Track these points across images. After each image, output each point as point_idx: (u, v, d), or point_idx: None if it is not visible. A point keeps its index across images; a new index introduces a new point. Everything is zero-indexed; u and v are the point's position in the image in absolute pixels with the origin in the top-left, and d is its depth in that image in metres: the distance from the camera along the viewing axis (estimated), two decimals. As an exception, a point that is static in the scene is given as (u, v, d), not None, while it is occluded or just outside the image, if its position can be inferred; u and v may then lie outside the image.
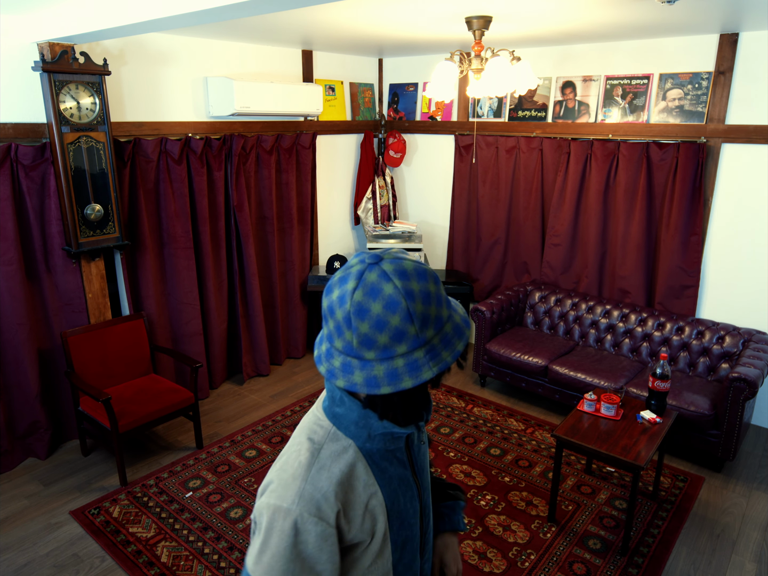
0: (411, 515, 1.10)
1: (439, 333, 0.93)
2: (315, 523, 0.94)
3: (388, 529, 1.05)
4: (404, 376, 0.90)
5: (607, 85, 4.16)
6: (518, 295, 4.60)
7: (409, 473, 1.10)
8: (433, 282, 0.93)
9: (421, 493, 1.14)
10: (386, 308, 0.88)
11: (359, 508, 1.00)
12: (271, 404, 4.24)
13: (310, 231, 4.97)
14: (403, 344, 0.90)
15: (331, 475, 0.97)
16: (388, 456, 1.06)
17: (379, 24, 3.43)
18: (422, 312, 0.90)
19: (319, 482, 0.96)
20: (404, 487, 1.08)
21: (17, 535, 2.89)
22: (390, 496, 1.05)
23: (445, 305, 0.95)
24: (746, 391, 3.20)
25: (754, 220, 3.74)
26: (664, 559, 2.74)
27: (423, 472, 1.15)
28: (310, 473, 0.97)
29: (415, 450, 1.13)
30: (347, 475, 0.99)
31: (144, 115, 3.71)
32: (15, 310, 3.25)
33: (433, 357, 0.91)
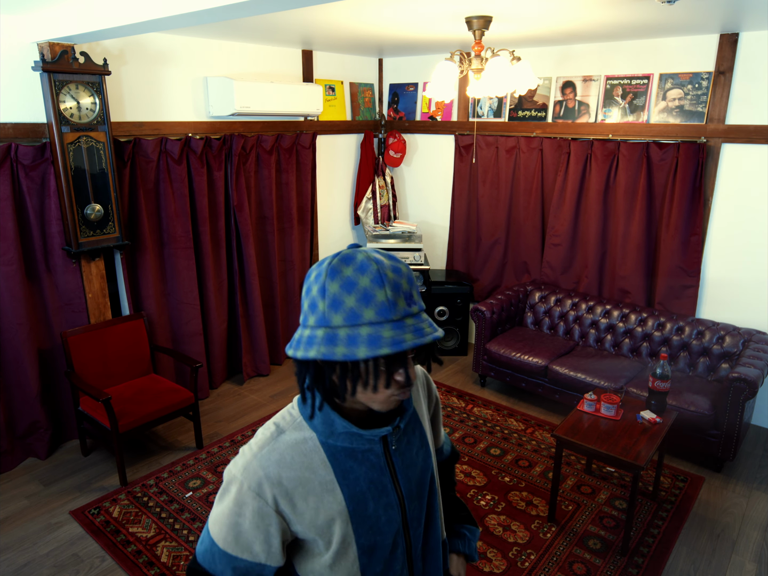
0: (384, 523, 1.07)
1: (349, 328, 0.90)
2: (253, 498, 0.98)
3: (351, 531, 1.04)
4: (303, 345, 0.93)
5: (607, 85, 4.16)
6: (518, 295, 4.60)
7: (386, 479, 1.07)
8: (369, 279, 0.91)
9: (404, 503, 1.10)
10: (357, 270, 0.91)
11: (312, 501, 1.01)
12: (271, 404, 4.24)
13: (310, 231, 4.97)
14: (314, 316, 0.93)
15: (281, 459, 1.00)
16: (356, 456, 1.04)
17: (379, 24, 3.43)
18: (334, 294, 0.91)
19: (267, 462, 1.00)
20: (376, 492, 1.06)
21: (17, 535, 2.89)
22: (354, 498, 1.03)
23: (374, 310, 0.91)
24: (746, 391, 3.20)
25: (754, 220, 3.74)
26: (664, 559, 2.74)
27: (409, 482, 1.11)
28: (261, 452, 1.01)
29: (396, 457, 1.09)
30: (300, 465, 1.01)
31: (144, 115, 3.71)
32: (15, 310, 3.25)
33: (327, 343, 0.91)
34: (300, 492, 1.00)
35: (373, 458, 1.06)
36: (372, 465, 1.06)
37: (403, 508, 1.10)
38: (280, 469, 1.00)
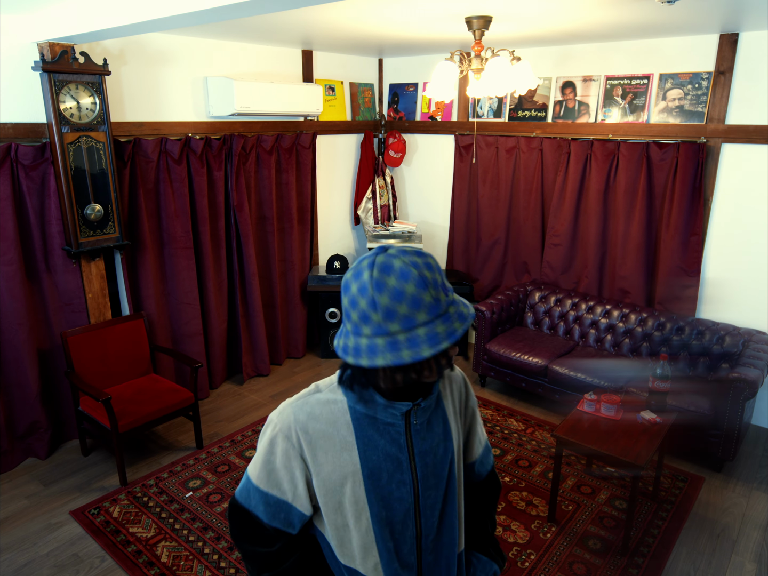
0: (395, 499, 1.14)
1: (408, 332, 0.99)
2: (282, 439, 1.12)
3: (364, 495, 1.13)
4: (363, 354, 1.00)
5: (607, 85, 4.16)
6: (518, 295, 4.60)
7: (403, 457, 1.14)
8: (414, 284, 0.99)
9: (417, 486, 1.15)
10: (359, 291, 1.00)
11: (330, 455, 1.12)
12: (271, 404, 4.24)
13: (310, 231, 4.97)
14: (368, 327, 1.00)
15: (311, 411, 1.13)
16: (378, 426, 1.13)
17: (379, 24, 3.43)
18: (388, 306, 0.98)
19: (299, 412, 1.13)
20: (391, 465, 1.13)
21: (17, 535, 2.89)
22: (369, 463, 1.12)
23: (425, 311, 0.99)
24: (746, 392, 3.20)
25: (754, 219, 3.74)
26: (664, 560, 2.74)
27: (425, 467, 1.16)
28: (296, 403, 1.15)
29: (416, 438, 1.15)
30: (326, 420, 1.12)
31: (144, 115, 3.71)
32: (15, 310, 3.25)
33: (392, 349, 0.98)
34: (322, 444, 1.12)
35: (393, 433, 1.13)
36: (392, 439, 1.13)
37: (416, 491, 1.15)
38: (309, 419, 1.12)
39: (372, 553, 1.16)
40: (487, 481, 1.41)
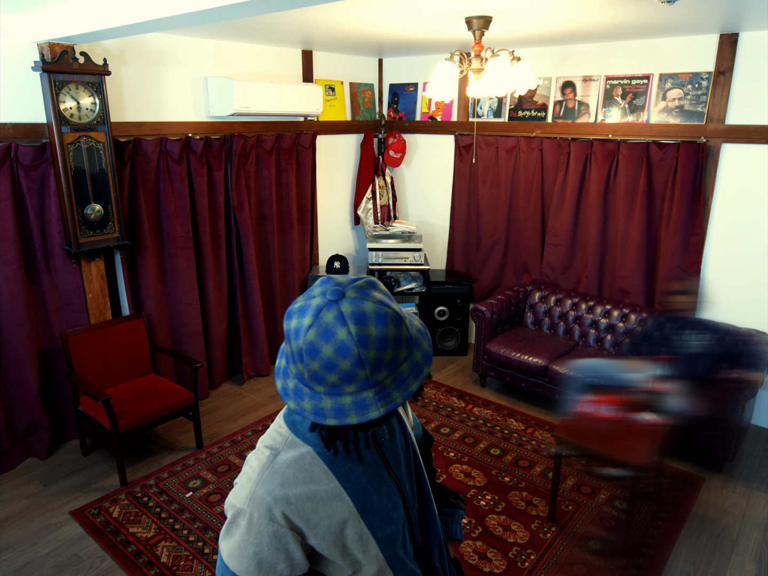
0: (391, 510, 1.11)
1: (393, 374, 0.92)
2: (266, 524, 0.99)
3: (365, 527, 1.07)
4: (351, 412, 0.91)
5: (607, 85, 4.16)
6: (518, 295, 4.60)
7: (382, 469, 1.11)
8: (393, 325, 0.91)
9: (401, 487, 1.15)
10: (337, 352, 0.88)
11: (322, 512, 1.02)
12: (271, 404, 4.24)
13: (310, 231, 4.96)
14: (352, 385, 0.91)
15: (284, 480, 1.00)
16: (352, 456, 1.06)
17: (379, 24, 3.43)
18: (375, 358, 0.89)
19: (271, 485, 1.00)
20: (377, 484, 1.10)
21: (17, 535, 2.89)
22: (360, 496, 1.06)
23: (405, 346, 0.93)
24: (746, 392, 3.20)
25: (754, 220, 3.74)
26: (664, 560, 2.74)
27: (400, 465, 1.16)
28: (262, 477, 1.01)
29: (386, 445, 1.14)
30: (303, 480, 1.02)
31: (144, 115, 3.71)
32: (15, 310, 3.25)
33: (382, 397, 0.91)
34: (309, 506, 1.01)
35: (366, 455, 1.09)
36: (367, 462, 1.09)
37: (401, 491, 1.15)
38: (286, 489, 1.00)
39: (386, 572, 1.13)
40: (424, 439, 1.47)
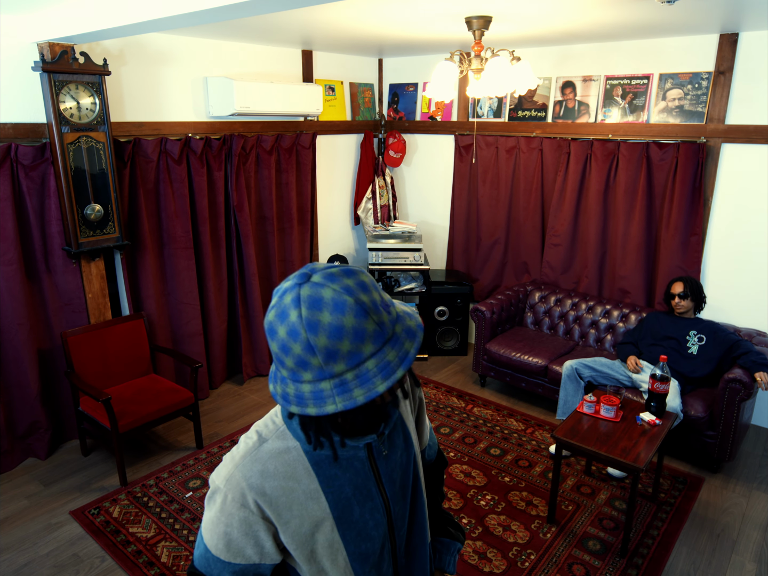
0: (371, 527, 1.07)
1: (355, 369, 0.86)
2: (238, 508, 0.98)
3: (338, 537, 1.04)
4: (309, 402, 0.88)
5: (607, 85, 4.16)
6: (518, 295, 4.60)
7: (371, 484, 1.06)
8: (353, 315, 0.85)
9: (389, 505, 1.10)
10: (288, 335, 0.86)
11: (296, 509, 1.00)
12: (271, 404, 4.24)
13: (310, 231, 4.96)
14: (308, 372, 0.87)
15: (264, 469, 0.99)
16: (340, 463, 1.03)
17: (379, 24, 3.43)
18: (326, 346, 0.84)
19: (250, 472, 0.98)
20: (361, 497, 1.05)
21: (17, 535, 2.89)
22: (339, 504, 1.03)
23: (370, 341, 0.86)
24: (741, 392, 3.20)
25: (754, 220, 3.74)
26: (663, 561, 2.74)
27: (393, 484, 1.10)
28: (243, 461, 0.99)
29: (380, 460, 1.08)
30: (283, 475, 0.99)
31: (144, 115, 3.71)
32: (15, 310, 3.25)
33: (341, 392, 0.86)
34: (284, 501, 0.99)
35: (357, 464, 1.05)
36: (356, 471, 1.05)
37: (388, 510, 1.10)
38: (263, 479, 0.98)
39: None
40: (437, 461, 1.40)
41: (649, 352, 3.66)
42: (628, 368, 3.58)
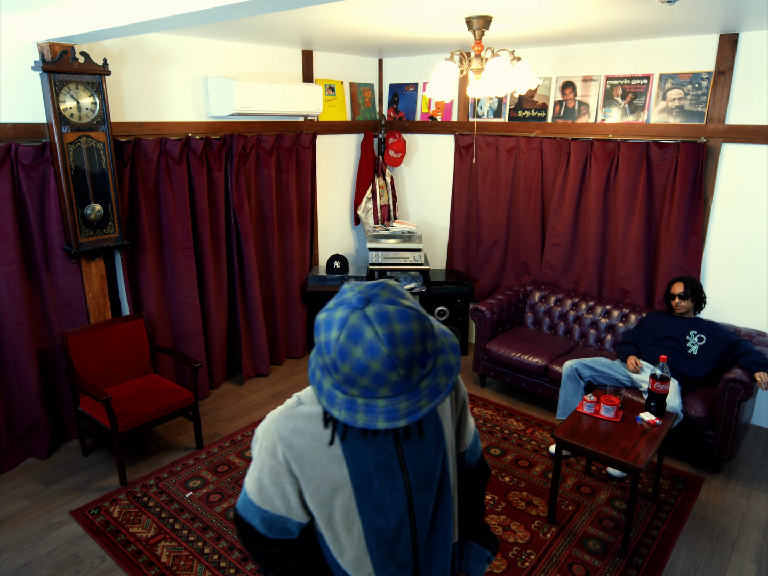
0: (389, 506, 1.13)
1: (427, 373, 0.94)
2: (269, 456, 1.11)
3: (355, 506, 1.11)
4: (380, 416, 0.92)
5: (607, 85, 4.16)
6: (518, 295, 4.60)
7: (394, 464, 1.12)
8: (416, 321, 0.92)
9: (410, 489, 1.14)
10: (366, 353, 0.89)
11: (318, 469, 1.09)
12: (271, 404, 4.24)
13: (310, 231, 4.97)
14: (385, 388, 0.91)
15: (295, 427, 1.10)
16: (365, 437, 1.10)
17: (379, 24, 3.43)
18: (405, 355, 0.90)
19: (283, 428, 1.10)
20: (382, 474, 1.11)
21: (17, 535, 2.89)
22: (359, 474, 1.10)
23: (431, 340, 0.95)
24: (741, 393, 3.20)
25: (754, 220, 3.74)
26: (663, 561, 2.74)
27: (417, 470, 1.14)
28: (279, 417, 1.12)
29: (406, 444, 1.13)
30: (311, 435, 1.09)
31: (144, 115, 3.71)
32: (15, 310, 3.25)
33: (413, 403, 0.93)
34: (308, 459, 1.09)
35: (381, 442, 1.11)
36: (380, 448, 1.11)
37: (409, 494, 1.14)
38: (293, 435, 1.09)
39: (365, 564, 1.16)
40: (477, 468, 1.40)
41: (649, 352, 3.66)
42: (628, 368, 3.58)
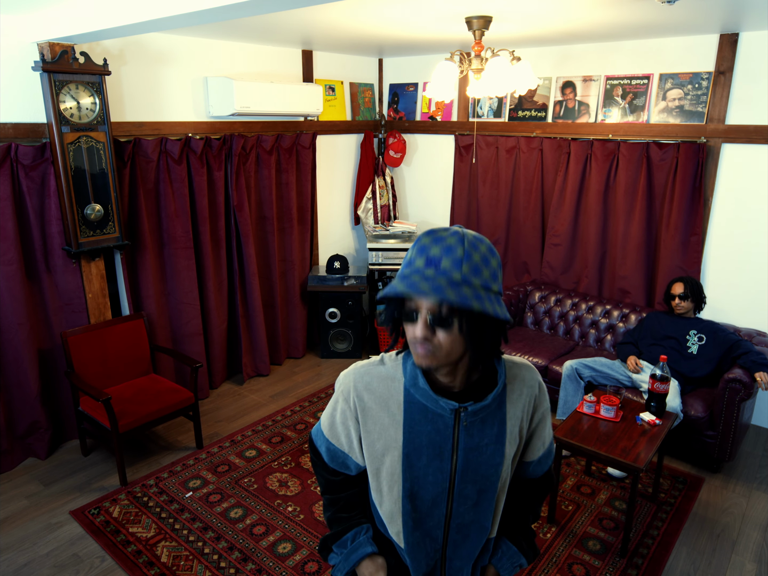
0: (430, 482, 1.20)
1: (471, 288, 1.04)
2: (342, 399, 1.26)
3: (400, 470, 1.20)
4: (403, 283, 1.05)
5: (607, 85, 4.16)
6: (518, 295, 4.60)
7: (445, 448, 1.18)
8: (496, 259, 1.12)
9: (455, 476, 1.20)
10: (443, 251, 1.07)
11: (378, 426, 1.21)
12: (271, 404, 4.24)
13: (310, 231, 4.96)
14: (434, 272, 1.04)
15: (370, 382, 1.23)
16: (427, 414, 1.18)
17: (379, 24, 3.43)
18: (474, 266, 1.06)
19: (360, 380, 1.24)
20: (431, 451, 1.19)
21: (17, 535, 2.89)
22: (411, 444, 1.19)
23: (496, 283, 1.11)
24: (741, 393, 3.20)
25: (754, 220, 3.74)
26: (663, 561, 2.74)
27: (467, 462, 1.19)
28: (361, 370, 1.25)
29: (464, 432, 1.18)
30: (381, 395, 1.21)
31: (144, 115, 3.71)
32: (15, 310, 3.25)
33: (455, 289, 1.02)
34: (373, 414, 1.21)
35: (440, 424, 1.18)
36: (437, 429, 1.18)
37: (452, 480, 1.20)
38: (366, 389, 1.22)
39: (396, 521, 1.26)
40: (541, 480, 1.41)
41: (649, 352, 3.66)
42: (628, 368, 3.58)
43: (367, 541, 1.34)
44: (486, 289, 1.04)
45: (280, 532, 2.89)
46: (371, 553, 1.33)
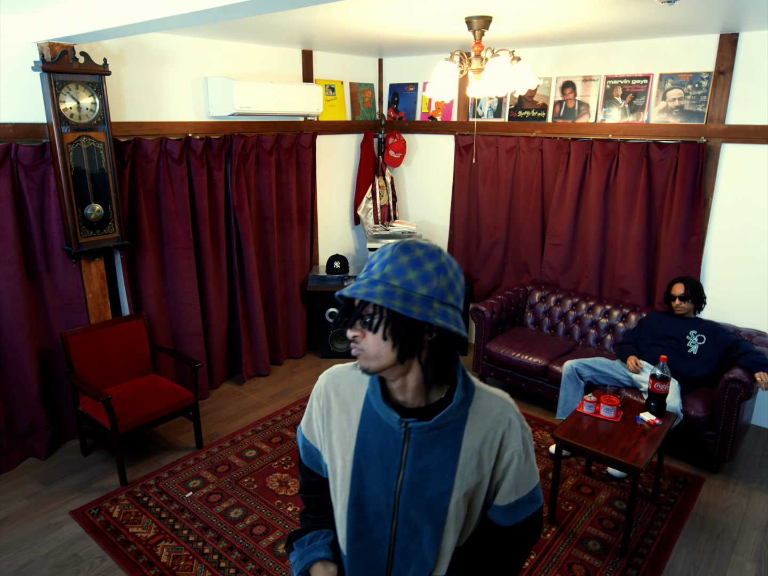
0: (376, 494, 1.19)
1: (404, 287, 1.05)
2: (315, 398, 1.30)
3: (350, 476, 1.21)
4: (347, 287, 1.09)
5: (607, 85, 4.16)
6: (518, 295, 4.60)
7: (395, 462, 1.17)
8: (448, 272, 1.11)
9: (399, 494, 1.17)
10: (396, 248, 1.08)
11: (339, 428, 1.23)
12: (271, 404, 4.24)
13: (310, 231, 4.96)
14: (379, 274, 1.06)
15: (338, 386, 1.26)
16: (379, 425, 1.18)
17: (379, 24, 3.43)
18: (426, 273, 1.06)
19: (329, 382, 1.27)
20: (381, 464, 1.18)
21: (17, 535, 2.89)
22: (362, 449, 1.19)
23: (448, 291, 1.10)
24: (741, 393, 3.20)
25: (754, 220, 3.74)
26: (663, 561, 2.74)
27: (412, 484, 1.15)
28: (334, 372, 1.28)
29: (412, 450, 1.15)
30: (346, 398, 1.23)
31: (144, 115, 3.71)
32: (15, 310, 3.25)
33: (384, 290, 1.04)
34: (335, 416, 1.24)
35: (390, 438, 1.17)
36: (387, 443, 1.17)
37: (397, 498, 1.18)
38: (334, 391, 1.25)
39: (342, 528, 1.26)
40: (513, 530, 1.26)
41: (649, 352, 3.66)
42: (628, 368, 3.58)
43: (323, 546, 1.34)
44: (410, 291, 1.03)
45: (280, 532, 2.89)
46: (324, 558, 1.33)
